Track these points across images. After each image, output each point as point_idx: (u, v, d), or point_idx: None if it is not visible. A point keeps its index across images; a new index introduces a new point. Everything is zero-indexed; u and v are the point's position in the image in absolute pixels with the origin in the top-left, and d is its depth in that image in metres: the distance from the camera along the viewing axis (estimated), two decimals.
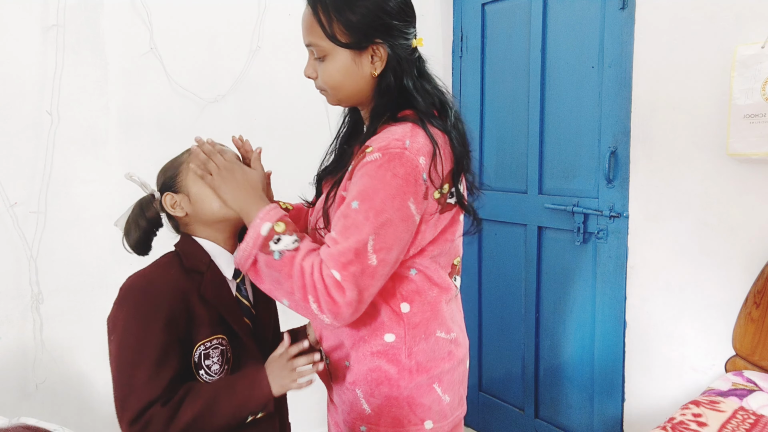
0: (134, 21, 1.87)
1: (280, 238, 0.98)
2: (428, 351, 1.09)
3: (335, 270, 0.94)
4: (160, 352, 0.98)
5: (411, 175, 0.96)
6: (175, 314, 1.01)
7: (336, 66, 1.05)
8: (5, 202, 1.67)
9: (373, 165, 0.96)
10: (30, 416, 1.32)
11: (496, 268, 2.41)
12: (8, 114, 1.67)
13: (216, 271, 1.09)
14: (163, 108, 1.94)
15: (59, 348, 1.77)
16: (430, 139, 1.00)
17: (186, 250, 1.09)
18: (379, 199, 0.95)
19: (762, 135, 1.46)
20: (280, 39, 2.15)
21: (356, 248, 0.94)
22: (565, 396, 2.17)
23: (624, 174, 1.88)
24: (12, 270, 1.69)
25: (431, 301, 1.09)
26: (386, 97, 1.06)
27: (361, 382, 1.09)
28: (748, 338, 1.57)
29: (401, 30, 1.05)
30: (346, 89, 1.07)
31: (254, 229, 0.99)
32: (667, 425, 1.36)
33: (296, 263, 0.96)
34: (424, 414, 1.09)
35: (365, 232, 0.94)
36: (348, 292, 0.94)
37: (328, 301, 0.94)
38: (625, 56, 1.84)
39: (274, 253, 0.97)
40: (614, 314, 1.95)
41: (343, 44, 1.02)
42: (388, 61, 1.04)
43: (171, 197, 1.09)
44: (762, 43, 1.45)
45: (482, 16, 2.37)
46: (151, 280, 1.04)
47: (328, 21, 1.01)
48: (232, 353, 1.09)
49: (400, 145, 0.97)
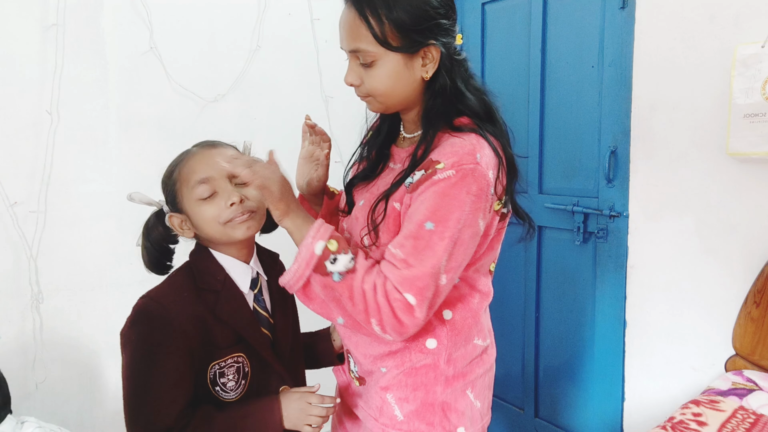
0: (134, 20, 1.87)
1: (336, 258, 0.93)
2: (466, 357, 1.08)
3: (410, 294, 0.91)
4: (173, 380, 0.97)
5: (483, 191, 0.94)
6: (189, 341, 0.98)
7: (386, 72, 0.97)
8: (5, 202, 1.67)
9: (447, 183, 0.92)
10: (30, 416, 1.32)
11: (496, 267, 2.40)
12: (8, 113, 1.68)
13: (231, 287, 1.06)
14: (163, 107, 1.94)
15: (59, 348, 1.77)
16: (494, 151, 0.97)
17: (199, 268, 1.06)
18: (454, 219, 0.91)
19: (762, 134, 1.46)
20: (280, 38, 2.15)
21: (432, 273, 0.91)
22: (565, 395, 2.17)
23: (624, 173, 1.88)
24: (12, 269, 1.70)
25: (473, 308, 1.08)
26: (440, 98, 1.00)
27: (395, 386, 1.06)
28: (748, 338, 1.57)
29: (449, 29, 1.00)
30: (395, 96, 1.00)
31: (307, 250, 0.93)
32: (667, 425, 1.36)
33: (356, 285, 0.93)
34: (458, 420, 1.07)
35: (440, 255, 0.91)
36: (418, 314, 0.91)
37: (394, 323, 0.92)
38: (625, 55, 1.84)
39: (334, 274, 0.93)
40: (614, 313, 1.95)
41: (396, 48, 0.95)
42: (441, 63, 0.99)
43: (177, 218, 1.05)
44: (762, 43, 1.45)
45: (482, 16, 2.36)
46: (164, 305, 1.00)
47: (378, 23, 0.93)
48: (251, 368, 1.07)
49: (472, 160, 0.92)
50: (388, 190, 1.00)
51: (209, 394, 1.03)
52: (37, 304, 1.73)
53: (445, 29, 0.99)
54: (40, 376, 1.74)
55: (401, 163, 1.06)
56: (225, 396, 1.04)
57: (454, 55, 1.01)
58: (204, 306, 1.02)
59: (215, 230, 1.03)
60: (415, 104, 1.04)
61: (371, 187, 1.09)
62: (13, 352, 1.70)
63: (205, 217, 1.02)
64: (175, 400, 0.96)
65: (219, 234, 1.03)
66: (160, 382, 0.96)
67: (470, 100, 1.01)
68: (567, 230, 2.09)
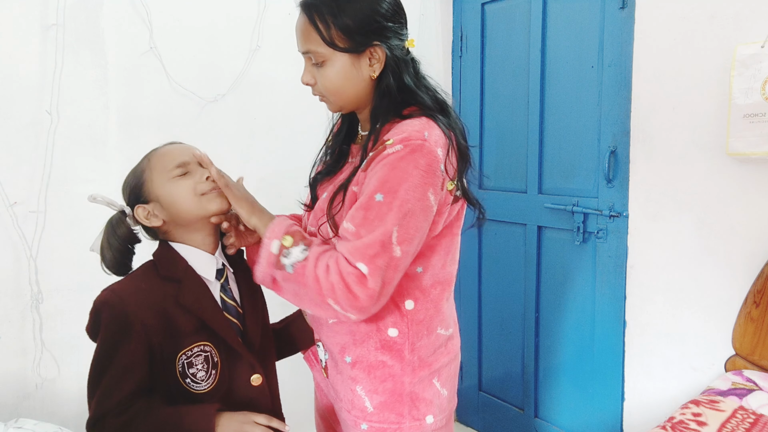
0: (134, 20, 1.87)
1: (289, 252, 0.99)
2: (429, 346, 1.11)
3: (362, 263, 0.94)
4: (123, 366, 0.99)
5: (431, 167, 0.98)
6: (147, 329, 1.01)
7: (335, 71, 1.05)
8: (5, 202, 1.67)
9: (395, 156, 0.97)
10: (30, 416, 1.32)
11: (495, 267, 2.41)
12: (8, 113, 1.67)
13: (194, 276, 1.08)
14: (162, 107, 1.94)
15: (59, 348, 1.77)
16: (444, 132, 1.03)
17: (162, 258, 1.09)
18: (403, 190, 0.95)
19: (762, 134, 1.46)
20: (280, 38, 2.15)
21: (382, 240, 0.94)
22: (564, 395, 2.17)
23: (623, 173, 1.88)
24: (12, 269, 1.69)
25: (434, 298, 1.10)
26: (387, 97, 1.07)
27: (363, 379, 1.10)
28: (747, 338, 1.57)
29: (396, 31, 1.07)
30: (346, 93, 1.08)
31: (265, 249, 1.01)
32: (667, 425, 1.36)
33: (309, 272, 0.97)
34: (426, 408, 1.10)
35: (390, 223, 0.95)
36: (371, 284, 0.94)
37: (348, 297, 0.94)
38: (624, 56, 1.84)
39: (287, 267, 0.99)
40: (614, 313, 1.95)
41: (342, 49, 1.03)
42: (386, 62, 1.06)
43: (143, 209, 1.09)
44: (761, 43, 1.45)
45: (482, 16, 2.36)
46: (122, 296, 1.03)
47: (325, 27, 1.02)
48: (220, 357, 1.08)
49: (420, 137, 0.98)
50: (345, 180, 1.06)
51: (181, 388, 1.04)
52: (37, 304, 1.73)
53: (392, 31, 1.06)
54: (40, 377, 1.74)
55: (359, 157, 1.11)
56: (196, 387, 1.05)
57: (403, 56, 1.08)
58: (164, 295, 1.04)
59: (191, 203, 1.06)
60: (367, 103, 1.11)
61: (333, 180, 1.15)
62: (13, 352, 1.70)
63: (181, 191, 1.06)
64: (119, 388, 0.99)
65: (194, 207, 1.06)
66: (110, 371, 1.00)
67: (420, 97, 1.07)
68: (567, 230, 2.09)
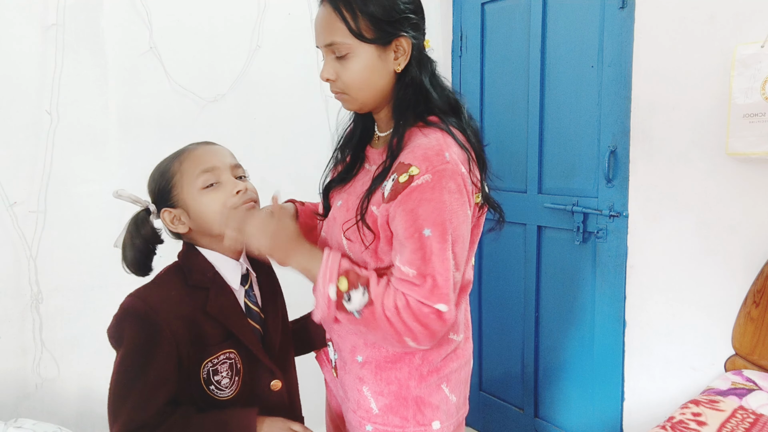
0: (134, 20, 1.87)
1: (350, 296, 0.97)
2: (440, 352, 1.10)
3: (441, 304, 0.95)
4: (157, 380, 0.97)
5: (461, 187, 0.97)
6: (177, 340, 0.99)
7: (361, 64, 1.01)
8: (5, 202, 1.67)
9: (427, 187, 0.95)
10: (29, 416, 1.32)
11: (495, 267, 2.41)
12: (8, 113, 1.67)
13: (221, 284, 1.07)
14: (162, 107, 1.94)
15: (59, 348, 1.77)
16: (461, 146, 1.01)
17: (189, 265, 1.06)
18: (447, 220, 0.95)
19: (761, 134, 1.46)
20: (280, 38, 2.15)
21: (448, 276, 0.96)
22: (564, 395, 2.17)
23: (623, 173, 1.88)
24: (11, 269, 1.69)
25: None
26: (410, 90, 1.04)
27: (370, 380, 1.09)
28: (747, 337, 1.57)
29: (418, 24, 1.05)
30: (370, 89, 1.04)
31: (322, 297, 0.99)
32: (667, 424, 1.36)
33: (378, 316, 0.96)
34: (433, 414, 1.08)
35: (447, 256, 0.96)
36: (448, 316, 0.96)
37: (427, 335, 0.96)
38: (624, 55, 1.84)
39: (354, 313, 0.98)
40: (614, 313, 1.95)
41: (369, 40, 1.00)
42: (412, 55, 1.03)
43: (170, 213, 1.05)
44: (761, 43, 1.45)
45: (482, 16, 2.36)
46: (151, 305, 0.99)
47: (352, 17, 0.98)
48: (242, 363, 1.07)
49: (442, 161, 0.96)
50: (370, 187, 1.03)
51: (205, 395, 1.03)
52: (37, 304, 1.73)
53: (415, 24, 1.04)
54: (40, 377, 1.74)
55: (376, 164, 1.07)
56: (220, 394, 1.05)
57: (424, 51, 1.07)
58: (193, 304, 1.02)
59: (217, 221, 1.03)
60: (387, 101, 1.08)
61: (348, 187, 1.12)
62: (13, 352, 1.70)
63: (210, 205, 1.03)
64: (155, 399, 0.97)
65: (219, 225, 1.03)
66: (143, 382, 0.97)
67: (434, 98, 1.06)
68: (567, 230, 2.09)
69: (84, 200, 1.80)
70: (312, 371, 1.39)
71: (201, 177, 1.03)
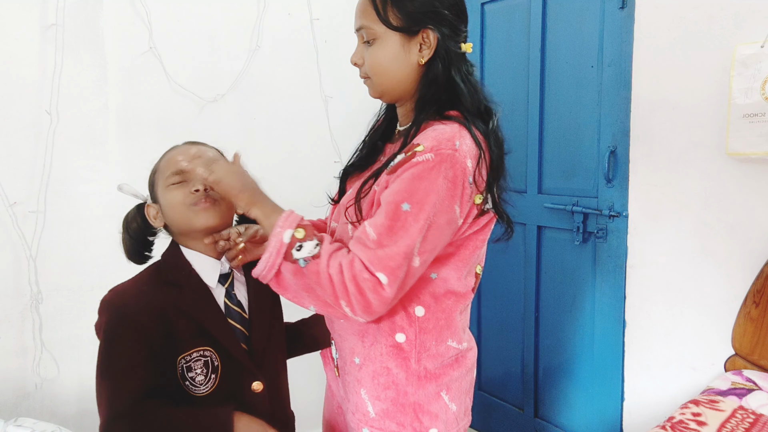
0: (133, 20, 1.87)
1: (302, 245, 0.96)
2: (438, 357, 1.07)
3: (382, 273, 0.92)
4: (124, 369, 1.00)
5: (460, 179, 0.96)
6: (148, 332, 1.02)
7: (385, 50, 1.03)
8: (5, 202, 1.67)
9: (425, 166, 0.94)
10: (29, 416, 1.32)
11: (495, 267, 2.41)
12: (7, 113, 1.67)
13: (197, 282, 1.09)
14: (162, 107, 1.94)
15: (59, 348, 1.77)
16: (476, 142, 0.99)
17: (167, 263, 1.11)
18: (430, 202, 0.93)
19: (761, 134, 1.46)
20: (279, 38, 2.15)
21: (405, 252, 0.93)
22: (564, 395, 2.17)
23: (623, 173, 1.88)
24: (11, 269, 1.69)
25: (446, 309, 1.07)
26: (434, 87, 1.04)
27: (368, 383, 1.07)
28: (747, 337, 1.57)
29: (452, 22, 1.04)
30: (391, 76, 1.05)
31: (276, 238, 0.96)
32: (667, 424, 1.36)
33: (322, 270, 0.94)
34: (430, 422, 1.07)
35: (414, 236, 0.93)
36: (387, 293, 0.93)
37: (362, 302, 0.93)
38: (624, 55, 1.84)
39: (299, 261, 0.95)
40: (614, 313, 1.95)
41: (395, 27, 1.02)
42: (437, 50, 1.03)
43: (152, 208, 1.11)
44: (761, 43, 1.45)
45: (481, 16, 2.36)
46: (124, 298, 1.05)
47: (383, 4, 1.01)
48: (221, 362, 1.08)
49: (451, 146, 0.95)
50: (378, 169, 1.03)
51: (181, 390, 1.05)
52: (37, 304, 1.73)
53: (448, 21, 1.03)
54: (40, 377, 1.74)
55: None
56: (195, 390, 1.06)
57: (455, 49, 1.05)
58: (165, 299, 1.05)
59: (180, 215, 1.07)
60: (411, 94, 1.08)
61: (363, 175, 1.12)
62: (13, 352, 1.70)
63: (172, 201, 1.07)
64: (128, 387, 1.00)
65: (183, 219, 1.07)
66: (114, 371, 1.01)
67: (464, 97, 1.04)
68: (566, 230, 2.09)
69: (84, 200, 1.80)
70: (311, 372, 1.39)
71: (171, 177, 1.08)
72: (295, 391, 1.29)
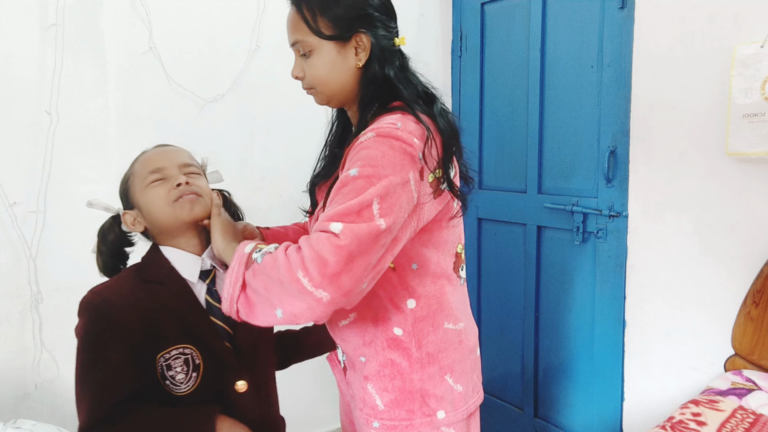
0: (133, 20, 1.87)
1: (261, 248, 0.97)
2: (437, 342, 1.10)
3: (335, 223, 0.87)
4: (110, 370, 0.99)
5: (407, 151, 0.96)
6: (130, 332, 1.00)
7: (322, 60, 1.06)
8: (4, 202, 1.67)
9: (368, 142, 0.96)
10: (29, 417, 1.32)
11: (495, 267, 2.41)
12: (7, 113, 1.67)
13: (177, 278, 1.08)
14: (162, 107, 1.94)
15: (59, 348, 1.77)
16: (422, 123, 1.01)
17: (146, 262, 1.11)
18: (380, 165, 0.92)
19: (761, 134, 1.46)
20: (279, 38, 2.14)
21: (360, 203, 0.89)
22: (564, 395, 2.17)
23: (623, 173, 1.88)
24: (11, 270, 1.69)
25: (435, 293, 1.10)
26: (373, 85, 1.07)
27: (374, 377, 1.10)
28: (747, 337, 1.57)
29: (383, 22, 1.08)
30: (333, 83, 1.08)
31: (238, 252, 0.98)
32: (667, 424, 1.36)
33: (278, 254, 0.91)
34: (437, 404, 1.10)
35: (369, 195, 0.90)
36: (342, 241, 0.85)
37: (316, 261, 0.85)
38: (624, 55, 1.84)
39: (257, 259, 0.94)
40: (613, 313, 1.95)
41: (328, 36, 1.04)
42: (372, 51, 1.07)
43: (129, 215, 1.11)
44: (761, 43, 1.45)
45: (481, 16, 2.36)
46: (106, 297, 1.03)
47: (312, 15, 1.04)
48: (203, 360, 1.07)
49: (392, 126, 0.97)
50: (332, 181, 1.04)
51: (161, 389, 1.04)
52: (37, 304, 1.73)
53: (379, 21, 1.07)
54: (40, 377, 1.74)
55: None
56: (176, 389, 1.04)
57: (388, 47, 1.08)
58: (146, 297, 1.05)
59: (164, 211, 1.07)
60: (355, 96, 1.11)
61: (329, 183, 1.13)
62: (13, 352, 1.70)
63: (154, 199, 1.07)
64: (112, 391, 0.98)
65: (167, 215, 1.07)
66: (99, 372, 0.99)
67: (400, 90, 1.07)
68: (566, 230, 2.09)
69: (84, 200, 1.80)
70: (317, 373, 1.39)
71: (149, 176, 1.09)
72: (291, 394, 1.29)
